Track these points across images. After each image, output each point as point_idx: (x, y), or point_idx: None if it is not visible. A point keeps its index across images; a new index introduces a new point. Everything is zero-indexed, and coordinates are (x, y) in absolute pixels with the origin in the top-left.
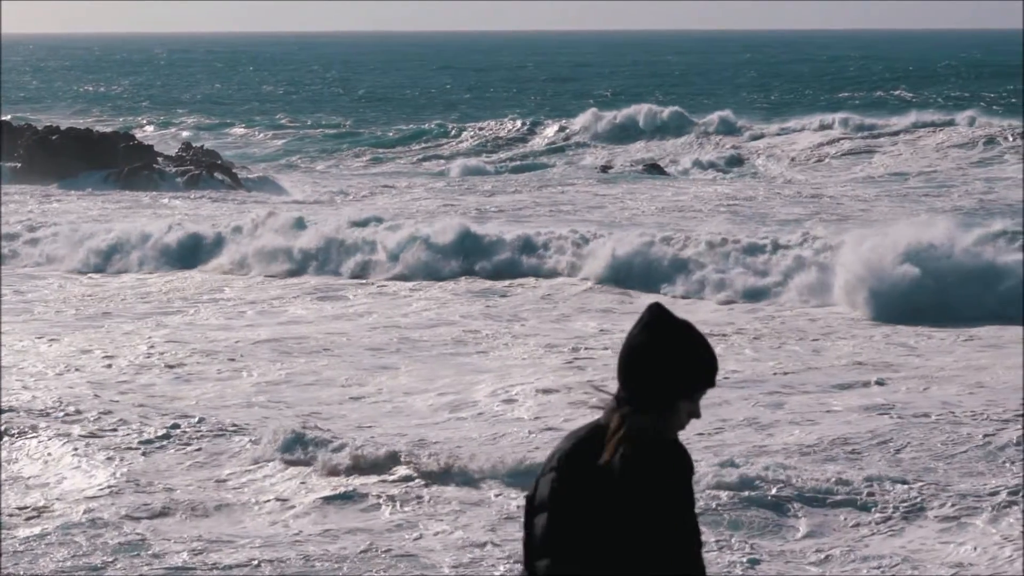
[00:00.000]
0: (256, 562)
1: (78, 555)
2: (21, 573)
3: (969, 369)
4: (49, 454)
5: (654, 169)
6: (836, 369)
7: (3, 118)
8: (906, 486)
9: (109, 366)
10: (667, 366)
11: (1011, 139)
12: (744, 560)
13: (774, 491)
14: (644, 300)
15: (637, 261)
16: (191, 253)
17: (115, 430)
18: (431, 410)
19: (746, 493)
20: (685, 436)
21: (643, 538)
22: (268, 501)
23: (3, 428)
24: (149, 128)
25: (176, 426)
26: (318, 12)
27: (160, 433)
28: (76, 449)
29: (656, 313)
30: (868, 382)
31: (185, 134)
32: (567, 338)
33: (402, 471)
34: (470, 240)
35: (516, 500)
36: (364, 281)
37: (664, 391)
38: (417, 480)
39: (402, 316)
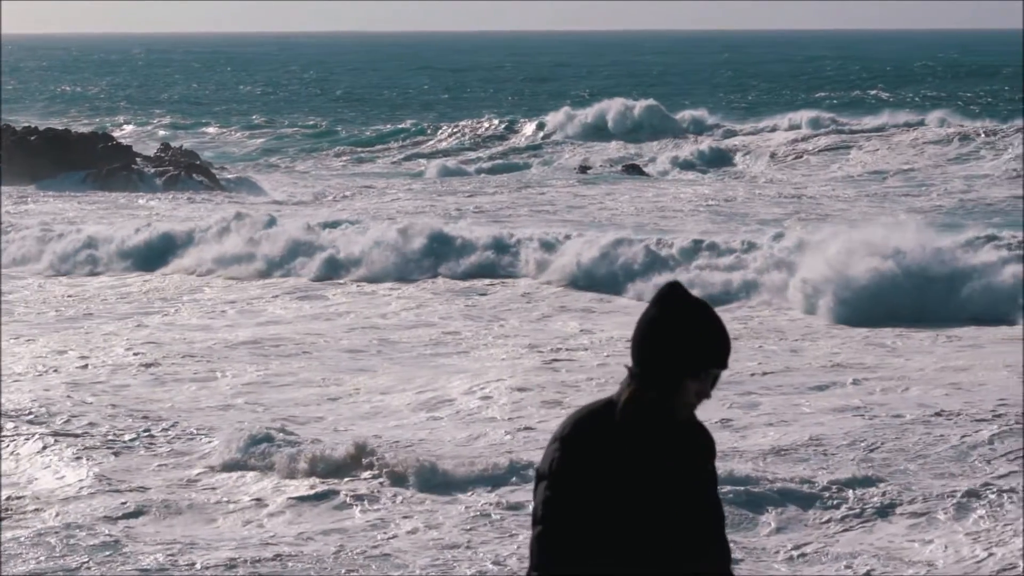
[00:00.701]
0: (232, 563)
1: (52, 557)
2: None
3: (946, 370)
4: (19, 455)
5: (633, 170)
6: (813, 370)
7: None
8: (877, 487)
9: (85, 367)
10: (673, 341)
11: (983, 136)
12: None
13: (746, 489)
14: (619, 302)
15: (604, 263)
16: (158, 255)
17: (87, 432)
18: (407, 411)
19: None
20: None
21: (641, 516)
22: (241, 502)
23: None
24: (127, 128)
25: (148, 429)
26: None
27: (132, 435)
28: (48, 450)
29: (671, 289)
30: (844, 383)
31: (162, 133)
32: (547, 338)
33: (375, 472)
34: (442, 241)
35: (490, 500)
36: (340, 282)
37: (670, 367)
38: (390, 481)
39: (380, 317)
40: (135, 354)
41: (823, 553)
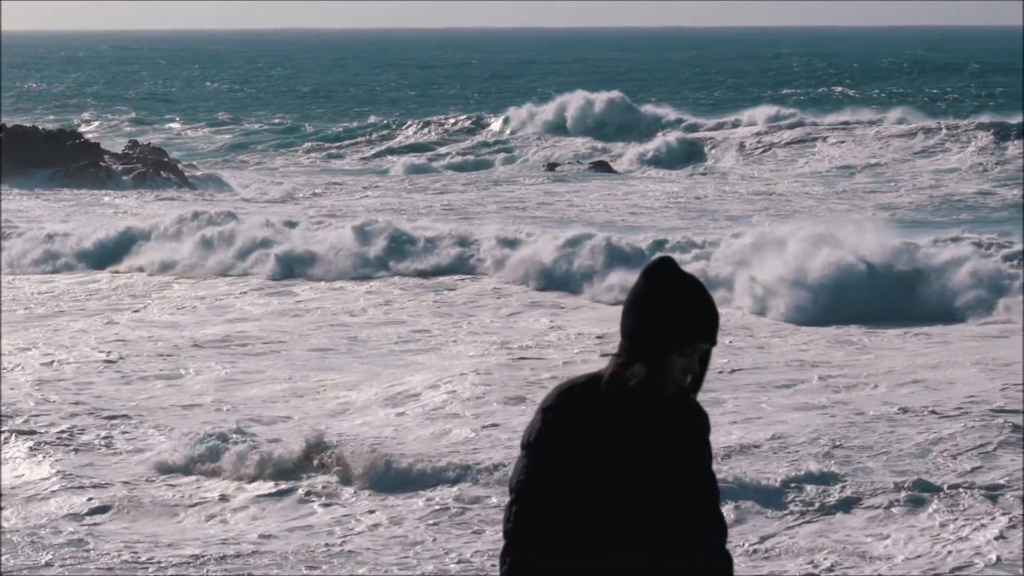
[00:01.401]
0: (196, 559)
1: (16, 555)
2: None
3: (914, 367)
4: None
5: (601, 166)
6: (780, 367)
7: None
8: (838, 483)
9: (51, 363)
10: (658, 314)
11: (945, 131)
12: None
13: None
14: (574, 300)
15: (564, 261)
16: (118, 252)
17: (48, 430)
18: (372, 408)
19: None
20: None
21: (620, 490)
22: (204, 499)
23: None
24: (94, 124)
25: (111, 427)
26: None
27: (94, 433)
28: (9, 447)
29: (661, 262)
30: (811, 380)
31: (130, 129)
32: (515, 335)
33: (332, 470)
34: (403, 239)
35: (453, 496)
36: (307, 279)
37: (655, 340)
38: (349, 479)
39: (349, 315)
40: (101, 352)
41: (783, 548)
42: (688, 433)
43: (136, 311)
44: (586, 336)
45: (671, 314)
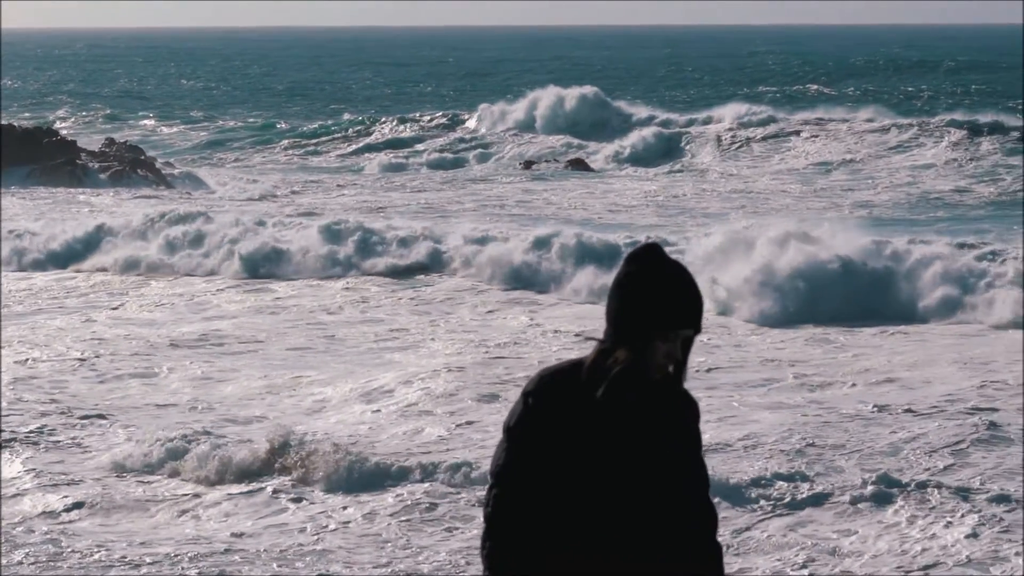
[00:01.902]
0: (170, 557)
1: None
2: None
3: (892, 366)
4: None
5: (578, 164)
6: (757, 366)
7: None
8: (811, 481)
9: (25, 362)
10: (640, 298)
11: (916, 127)
12: None
13: None
14: (551, 298)
15: (532, 261)
16: (87, 251)
17: (18, 429)
18: (346, 406)
19: None
20: None
21: (601, 477)
22: (176, 498)
23: None
24: (69, 121)
25: (84, 426)
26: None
27: (68, 433)
28: None
29: (645, 248)
30: (787, 379)
31: (106, 126)
32: (492, 333)
33: (301, 472)
34: (374, 238)
35: (426, 494)
36: (283, 278)
37: (637, 325)
38: (325, 476)
39: (326, 313)
40: (78, 350)
41: (753, 546)
42: (674, 420)
43: (114, 308)
44: (564, 334)
45: (654, 298)
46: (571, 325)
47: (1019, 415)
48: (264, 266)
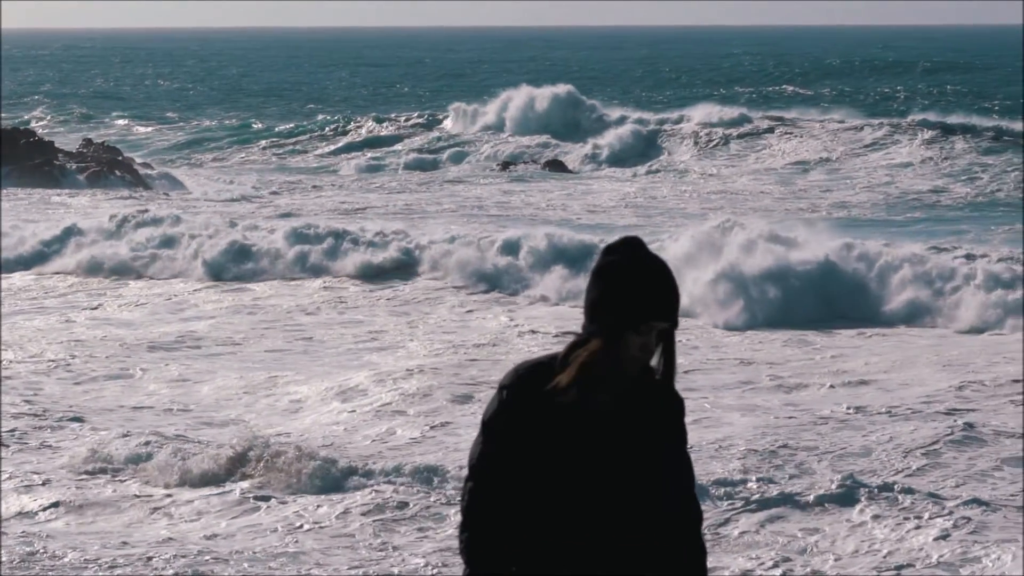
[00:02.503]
0: (144, 558)
1: None
2: None
3: (868, 369)
4: None
5: (556, 165)
6: (732, 367)
7: None
8: (784, 482)
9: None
10: (612, 289)
11: (887, 127)
12: None
13: None
14: (528, 299)
15: (501, 262)
16: (40, 255)
17: None
18: (320, 407)
19: None
20: None
21: (576, 472)
22: (151, 500)
23: None
24: (44, 120)
25: (57, 428)
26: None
27: (40, 435)
28: None
29: (623, 241)
30: (763, 380)
31: (81, 126)
32: (470, 334)
33: (263, 478)
34: (346, 238)
35: (398, 495)
36: (259, 279)
37: (609, 316)
38: (298, 478)
39: (305, 315)
40: (53, 352)
41: (724, 548)
42: (655, 415)
43: (94, 308)
44: (542, 334)
45: (627, 289)
46: (549, 326)
47: (995, 417)
48: (233, 267)
